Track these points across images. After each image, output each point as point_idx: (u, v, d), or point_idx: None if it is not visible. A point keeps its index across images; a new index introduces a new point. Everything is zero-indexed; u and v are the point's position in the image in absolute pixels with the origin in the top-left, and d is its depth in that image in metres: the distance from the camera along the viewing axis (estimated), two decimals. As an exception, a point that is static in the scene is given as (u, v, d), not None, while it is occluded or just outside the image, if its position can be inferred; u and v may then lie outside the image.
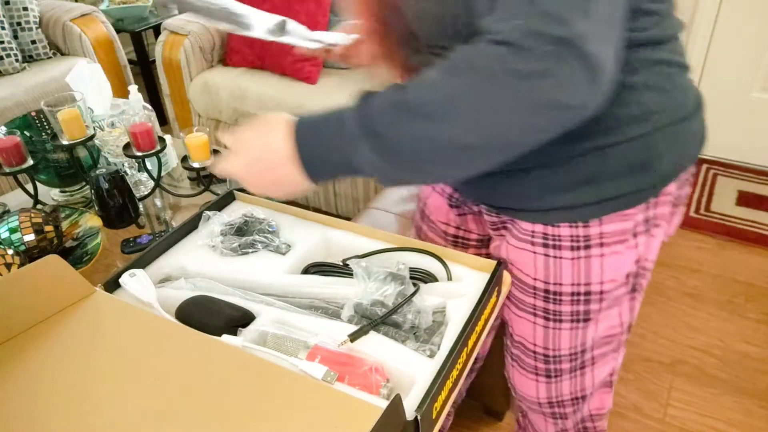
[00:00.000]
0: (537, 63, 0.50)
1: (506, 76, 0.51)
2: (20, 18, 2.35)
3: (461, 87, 0.53)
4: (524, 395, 0.93)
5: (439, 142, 0.54)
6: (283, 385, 0.56)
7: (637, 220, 0.71)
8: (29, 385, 0.59)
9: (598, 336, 0.82)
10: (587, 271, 0.74)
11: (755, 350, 1.62)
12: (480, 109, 0.52)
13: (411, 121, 0.55)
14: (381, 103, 0.57)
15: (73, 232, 1.12)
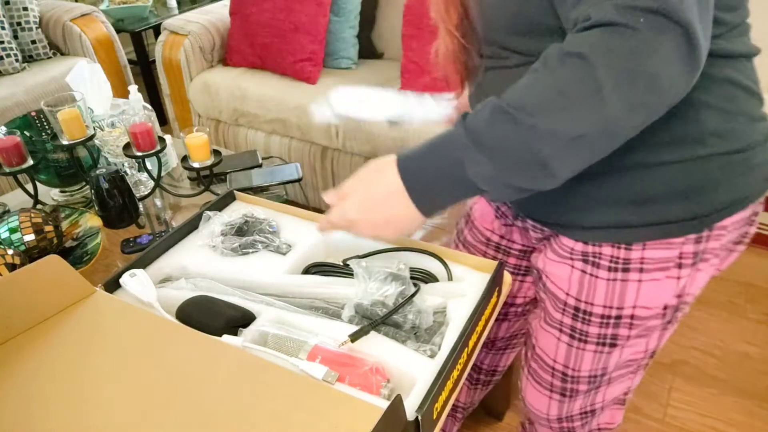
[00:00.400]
0: (635, 38, 0.48)
1: (608, 57, 0.49)
2: (20, 18, 2.35)
3: (565, 77, 0.51)
4: (534, 410, 0.90)
5: (550, 136, 0.52)
6: (283, 385, 0.56)
7: (684, 250, 0.66)
8: (29, 385, 0.59)
9: (621, 361, 0.79)
10: (621, 295, 0.71)
11: (755, 350, 1.62)
12: (588, 95, 0.50)
13: (518, 121, 0.52)
14: (483, 115, 0.55)
15: (73, 232, 1.12)
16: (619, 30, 0.49)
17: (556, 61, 0.52)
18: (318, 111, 1.31)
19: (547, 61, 0.53)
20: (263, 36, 2.07)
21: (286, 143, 2.07)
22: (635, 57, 0.49)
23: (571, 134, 0.51)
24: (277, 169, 1.37)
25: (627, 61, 0.49)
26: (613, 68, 0.49)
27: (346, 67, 2.12)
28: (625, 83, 0.49)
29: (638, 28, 0.48)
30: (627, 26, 0.48)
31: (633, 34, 0.48)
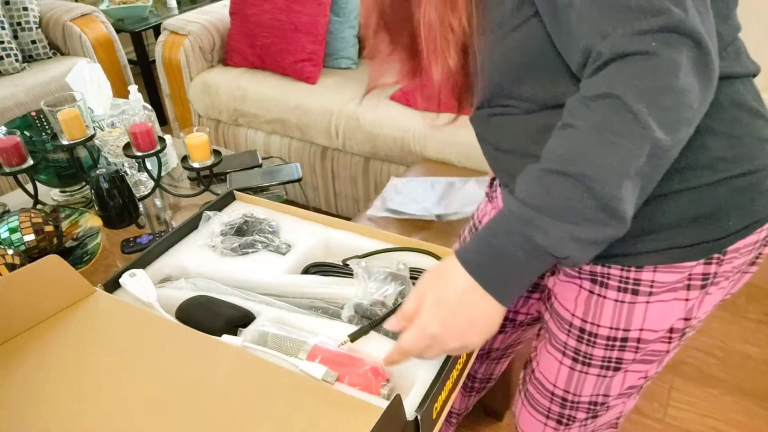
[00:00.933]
0: (653, 61, 0.49)
1: (633, 85, 0.49)
2: (20, 18, 2.35)
3: (600, 120, 0.50)
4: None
5: (606, 180, 0.50)
6: (283, 385, 0.56)
7: (693, 273, 0.65)
8: (29, 384, 0.59)
9: (618, 387, 0.77)
10: (628, 317, 0.69)
11: (756, 351, 1.62)
12: (628, 127, 0.50)
13: (571, 175, 0.51)
14: (532, 185, 0.54)
15: (73, 232, 1.12)
16: (635, 59, 0.49)
17: (583, 109, 0.52)
18: (373, 206, 1.44)
19: (573, 112, 0.53)
20: (263, 36, 2.07)
21: (286, 143, 2.07)
22: (659, 78, 0.49)
23: (625, 171, 0.50)
24: (277, 169, 1.37)
25: (652, 82, 0.49)
26: (642, 94, 0.49)
27: (346, 67, 2.12)
28: (657, 104, 0.49)
29: (652, 51, 0.49)
30: (641, 53, 0.49)
31: (649, 57, 0.49)
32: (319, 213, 0.86)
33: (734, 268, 0.67)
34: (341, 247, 0.82)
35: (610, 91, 0.50)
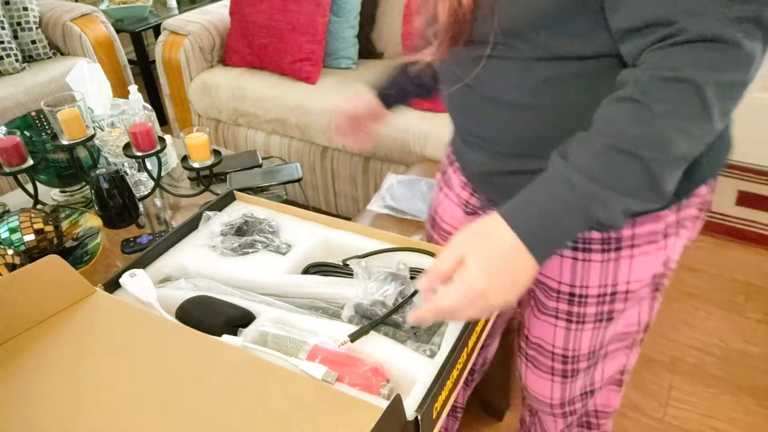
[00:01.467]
0: (736, 52, 0.50)
1: (714, 75, 0.51)
2: (20, 18, 2.35)
3: (677, 105, 0.51)
4: (537, 396, 0.91)
5: (670, 164, 0.53)
6: (283, 385, 0.56)
7: (668, 222, 0.70)
8: (29, 385, 0.59)
9: (615, 333, 0.81)
10: (615, 273, 0.72)
11: (755, 349, 1.62)
12: (698, 116, 0.52)
13: (641, 158, 0.52)
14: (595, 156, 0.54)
15: (73, 232, 1.12)
16: (721, 47, 0.50)
17: (658, 89, 0.52)
18: (374, 201, 1.46)
19: (645, 89, 0.52)
20: (261, 36, 2.07)
21: (285, 143, 2.07)
22: (736, 71, 0.51)
23: (687, 158, 0.53)
24: (277, 169, 1.37)
25: (730, 75, 0.51)
26: (718, 86, 0.51)
27: (346, 67, 2.12)
28: (726, 97, 0.52)
29: (737, 41, 0.50)
30: (728, 42, 0.50)
31: (734, 48, 0.50)
32: (319, 213, 0.86)
33: (695, 214, 0.73)
34: (341, 247, 0.82)
35: (692, 78, 0.50)
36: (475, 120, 0.73)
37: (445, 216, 0.93)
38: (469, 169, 0.82)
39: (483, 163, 0.76)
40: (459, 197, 0.89)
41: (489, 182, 0.77)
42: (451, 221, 0.92)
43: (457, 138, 0.82)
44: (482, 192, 0.83)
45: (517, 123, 0.68)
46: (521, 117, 0.67)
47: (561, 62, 0.61)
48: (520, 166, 0.70)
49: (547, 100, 0.64)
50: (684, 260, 1.95)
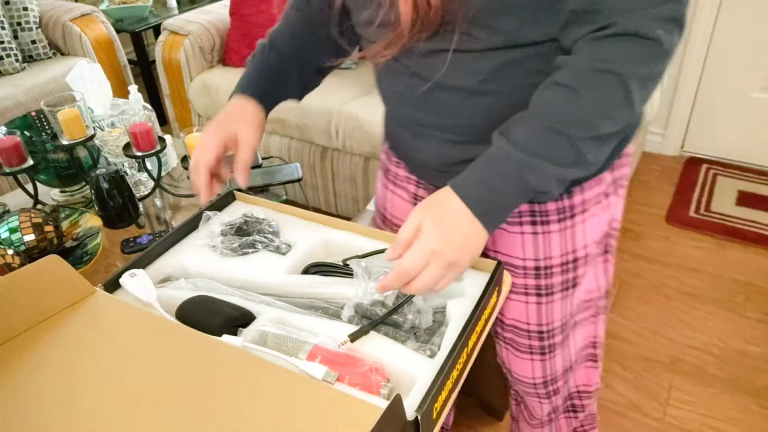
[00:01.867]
0: (658, 48, 0.58)
1: (637, 69, 0.58)
2: (20, 18, 2.35)
3: (604, 93, 0.59)
4: (520, 377, 0.95)
5: (595, 142, 0.61)
6: (283, 385, 0.56)
7: (607, 182, 0.78)
8: (30, 385, 0.59)
9: (580, 300, 0.87)
10: (573, 239, 0.79)
11: (754, 349, 1.63)
12: (622, 104, 0.59)
13: (571, 137, 0.59)
14: (532, 134, 0.60)
15: (73, 232, 1.12)
16: (644, 43, 0.57)
17: (590, 78, 0.59)
18: (374, 201, 1.41)
19: (579, 78, 0.59)
20: (260, 36, 2.06)
21: (285, 143, 2.07)
22: (655, 65, 0.59)
23: (609, 136, 0.61)
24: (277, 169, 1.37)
25: (650, 69, 0.59)
26: (640, 79, 0.59)
27: (346, 67, 2.12)
28: (645, 87, 0.60)
29: (659, 38, 0.57)
30: (650, 38, 0.57)
31: (655, 45, 0.57)
32: (319, 213, 0.86)
33: (626, 172, 0.81)
34: (341, 247, 0.82)
35: (619, 71, 0.58)
36: (427, 110, 0.74)
37: (395, 212, 0.94)
38: (418, 162, 0.83)
39: (437, 154, 0.78)
40: (406, 192, 0.91)
41: (444, 172, 0.78)
42: (402, 216, 0.94)
43: (403, 132, 0.82)
44: (435, 183, 0.84)
45: (472, 109, 0.71)
46: (476, 103, 0.70)
47: (517, 48, 0.65)
48: (477, 152, 0.71)
49: (502, 84, 0.68)
50: (684, 260, 1.95)
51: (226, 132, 0.78)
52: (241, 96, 0.82)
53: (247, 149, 0.78)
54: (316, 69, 0.89)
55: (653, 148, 2.54)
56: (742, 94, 2.28)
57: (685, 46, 2.28)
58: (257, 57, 0.86)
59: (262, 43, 0.88)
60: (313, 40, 0.86)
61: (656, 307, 1.78)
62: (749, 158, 2.39)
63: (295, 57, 0.86)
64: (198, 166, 0.77)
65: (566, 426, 1.08)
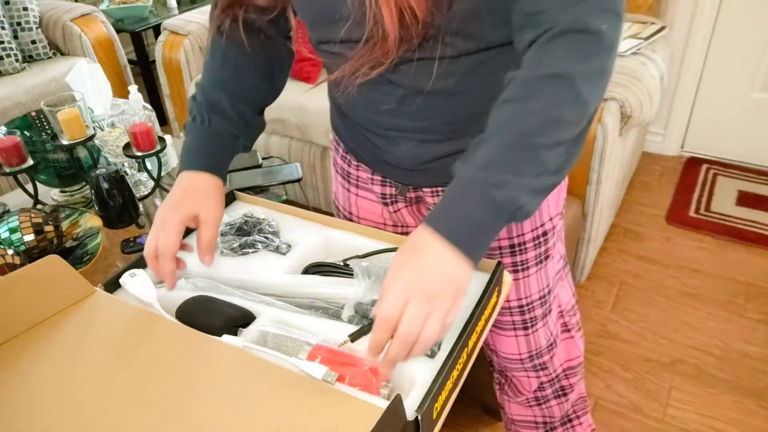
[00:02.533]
0: (602, 42, 0.58)
1: (583, 67, 0.57)
2: (20, 18, 2.35)
3: (554, 99, 0.58)
4: (507, 355, 0.98)
5: (555, 148, 0.58)
6: (283, 385, 0.56)
7: None
8: (29, 385, 0.59)
9: (553, 272, 0.92)
10: (540, 214, 0.83)
11: (755, 350, 1.62)
12: (574, 105, 0.58)
13: (529, 147, 0.57)
14: (492, 150, 0.58)
15: (73, 232, 1.12)
16: (587, 39, 0.57)
17: (538, 87, 0.58)
18: None
19: (530, 90, 0.58)
20: (263, 36, 2.07)
21: (285, 143, 2.07)
22: (602, 58, 0.58)
23: (569, 139, 0.59)
24: (277, 169, 1.37)
25: (596, 63, 0.58)
26: (587, 76, 0.58)
27: (346, 66, 2.12)
28: (594, 84, 0.59)
29: (602, 32, 0.57)
30: (593, 32, 0.57)
31: (598, 39, 0.57)
32: (319, 213, 0.86)
33: None
34: (341, 247, 0.82)
35: (563, 72, 0.57)
36: (402, 115, 0.74)
37: (363, 214, 0.96)
38: (388, 165, 0.84)
39: (410, 155, 0.79)
40: (372, 192, 0.92)
41: (420, 171, 0.81)
42: (371, 217, 0.95)
43: (370, 137, 0.82)
44: (405, 182, 0.85)
45: (446, 109, 0.72)
46: (451, 103, 0.71)
47: (489, 50, 0.67)
48: (453, 148, 0.76)
49: (475, 83, 0.69)
50: (684, 261, 1.95)
51: (185, 213, 0.74)
52: (192, 171, 0.78)
53: (210, 228, 0.75)
54: (258, 113, 0.86)
55: (653, 148, 2.54)
56: (742, 94, 2.28)
57: (685, 46, 2.28)
58: (197, 126, 0.80)
59: (197, 104, 0.81)
60: (249, 85, 0.83)
61: (657, 308, 1.78)
62: (749, 158, 2.39)
63: (235, 113, 0.81)
64: (163, 255, 0.72)
65: (558, 411, 1.10)
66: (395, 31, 0.61)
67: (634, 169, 2.39)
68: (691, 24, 2.22)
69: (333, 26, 0.68)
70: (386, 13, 0.60)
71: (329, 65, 0.79)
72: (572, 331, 1.04)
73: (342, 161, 0.93)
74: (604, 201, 1.69)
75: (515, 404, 1.12)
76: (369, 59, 0.65)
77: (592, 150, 1.57)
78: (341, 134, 0.90)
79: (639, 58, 1.72)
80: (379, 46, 0.63)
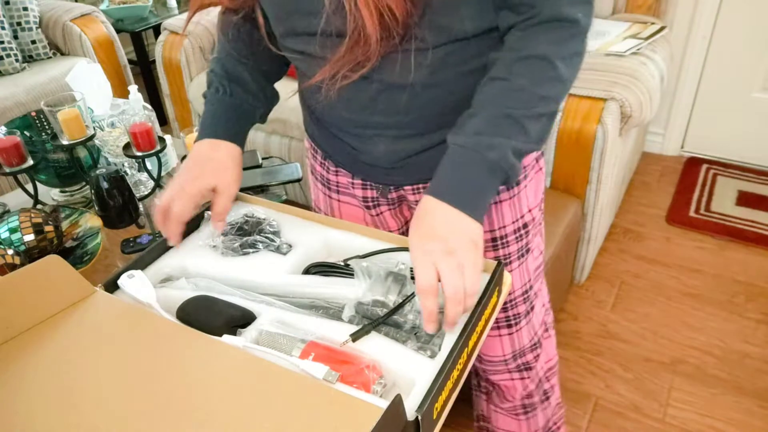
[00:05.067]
0: (579, 28, 0.65)
1: (562, 50, 0.65)
2: (20, 18, 2.35)
3: (537, 77, 0.65)
4: (490, 358, 0.98)
5: (538, 119, 0.66)
6: (283, 386, 0.56)
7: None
8: (29, 384, 0.59)
9: (533, 266, 0.93)
10: (520, 205, 0.85)
11: (755, 350, 1.62)
12: (554, 82, 0.66)
13: (517, 118, 0.64)
14: (484, 123, 0.65)
15: (73, 232, 1.12)
16: (565, 26, 0.65)
17: (521, 66, 0.65)
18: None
19: (512, 70, 0.65)
20: (263, 36, 2.07)
21: (286, 143, 2.07)
22: (577, 42, 0.66)
23: (549, 112, 0.67)
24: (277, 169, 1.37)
25: (572, 47, 0.66)
26: (564, 58, 0.65)
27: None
28: (570, 65, 0.66)
29: (578, 20, 0.65)
30: (571, 21, 0.65)
31: (575, 26, 0.65)
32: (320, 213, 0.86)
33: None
34: (341, 247, 0.82)
35: (544, 54, 0.65)
36: (376, 110, 0.75)
37: (344, 218, 0.96)
38: (366, 165, 0.84)
39: (387, 152, 0.80)
40: (354, 197, 0.92)
41: (399, 168, 0.82)
42: (356, 220, 0.95)
43: (345, 138, 0.82)
44: (384, 182, 0.86)
45: (420, 102, 0.73)
46: (424, 96, 0.73)
47: (460, 41, 0.68)
48: (430, 142, 0.78)
49: (447, 75, 0.71)
50: (684, 261, 1.95)
51: (204, 185, 0.77)
52: (212, 140, 0.80)
53: (225, 198, 0.78)
54: (272, 84, 0.88)
55: (653, 148, 2.54)
56: (742, 94, 2.28)
57: (685, 46, 2.28)
58: (218, 96, 0.83)
59: (216, 75, 0.84)
60: (264, 56, 0.84)
61: (657, 308, 1.78)
62: (749, 158, 2.39)
63: (254, 84, 0.84)
64: (175, 219, 0.76)
65: (543, 418, 1.10)
66: (376, 33, 0.62)
67: (634, 169, 2.39)
68: (691, 24, 2.22)
69: (301, 19, 0.68)
70: (366, 15, 0.61)
71: (299, 64, 0.78)
72: (549, 330, 1.04)
73: (321, 168, 0.94)
74: (604, 201, 1.69)
75: (502, 415, 1.11)
76: (349, 60, 0.66)
77: (592, 150, 1.57)
78: (317, 141, 0.90)
79: (639, 58, 1.72)
80: (361, 48, 0.65)
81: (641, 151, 2.47)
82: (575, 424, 1.45)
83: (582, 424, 1.45)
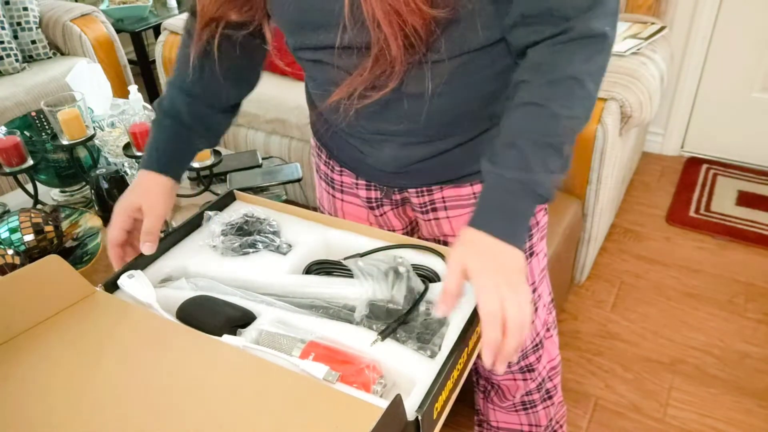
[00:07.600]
0: (606, 43, 0.64)
1: (592, 66, 0.65)
2: (20, 18, 2.35)
3: (570, 100, 0.64)
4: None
5: (572, 137, 0.66)
6: (283, 386, 0.56)
7: None
8: (29, 385, 0.59)
9: (538, 269, 0.93)
10: None
11: (755, 350, 1.62)
12: (585, 102, 0.66)
13: (555, 146, 0.65)
14: (526, 150, 0.64)
15: (73, 232, 1.12)
16: (595, 41, 0.64)
17: (553, 90, 0.64)
18: None
19: (542, 94, 0.64)
20: (263, 36, 2.07)
21: (285, 143, 2.07)
22: (603, 58, 0.66)
23: (580, 129, 0.67)
24: (277, 169, 1.37)
25: (600, 62, 0.65)
26: (592, 74, 0.65)
27: (346, 67, 2.12)
28: (597, 80, 0.66)
29: (606, 33, 0.64)
30: (600, 35, 0.63)
31: (604, 40, 0.64)
32: (319, 212, 0.86)
33: None
34: (341, 247, 0.82)
35: (573, 75, 0.64)
36: (386, 119, 0.75)
37: (347, 218, 0.96)
38: (373, 168, 0.84)
39: (395, 158, 0.80)
40: (357, 197, 0.92)
41: (404, 173, 0.82)
42: (359, 220, 0.95)
43: (353, 142, 0.83)
44: (389, 184, 0.87)
45: (429, 111, 0.73)
46: (433, 105, 0.72)
47: (471, 53, 0.69)
48: (436, 149, 0.78)
49: (456, 86, 0.71)
50: (684, 261, 1.95)
51: (129, 205, 0.79)
52: (146, 171, 0.82)
53: (151, 218, 0.79)
54: (222, 111, 0.88)
55: (653, 148, 2.54)
56: (742, 94, 2.28)
57: (685, 46, 2.28)
58: (155, 125, 0.86)
59: (158, 105, 0.87)
60: (213, 89, 0.85)
61: (657, 308, 1.78)
62: (749, 158, 2.39)
63: (190, 117, 0.85)
64: (110, 240, 0.80)
65: (545, 417, 1.10)
66: (400, 54, 0.63)
67: (634, 169, 2.39)
68: (691, 24, 2.22)
69: (316, 33, 0.69)
70: (390, 35, 0.61)
71: (313, 72, 0.80)
72: (551, 330, 1.04)
73: (325, 167, 0.94)
74: (604, 201, 1.69)
75: (501, 412, 1.11)
76: (368, 78, 0.67)
77: (592, 150, 1.57)
78: (323, 141, 0.91)
79: (639, 58, 1.72)
80: (382, 67, 0.66)
81: (641, 151, 2.47)
82: (575, 424, 1.45)
83: (582, 424, 1.45)
